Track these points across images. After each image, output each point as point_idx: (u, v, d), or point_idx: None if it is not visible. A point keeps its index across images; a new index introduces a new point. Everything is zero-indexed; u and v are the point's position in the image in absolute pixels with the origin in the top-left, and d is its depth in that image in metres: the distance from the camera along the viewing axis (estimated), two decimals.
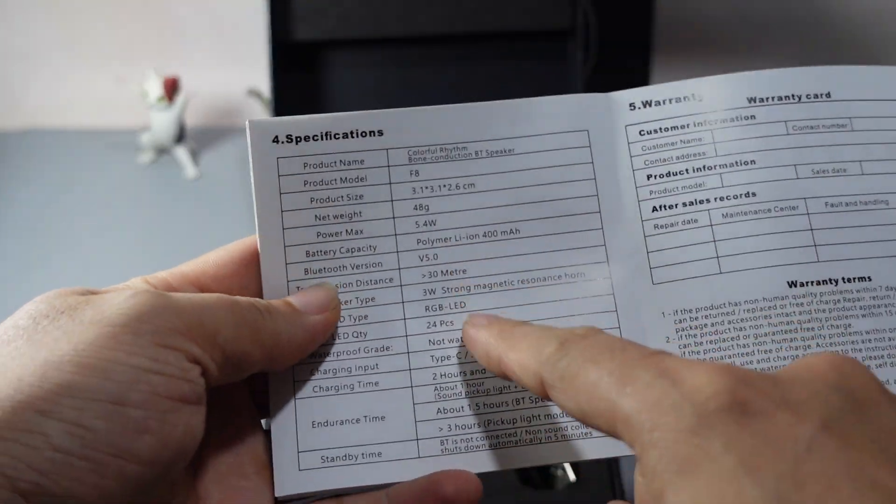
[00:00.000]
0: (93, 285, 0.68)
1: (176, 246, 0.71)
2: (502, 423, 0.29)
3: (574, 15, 0.60)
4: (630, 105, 0.32)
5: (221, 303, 0.26)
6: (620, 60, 0.70)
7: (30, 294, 0.26)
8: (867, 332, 0.29)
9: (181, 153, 0.80)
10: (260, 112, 0.80)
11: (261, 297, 0.29)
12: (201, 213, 0.75)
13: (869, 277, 0.30)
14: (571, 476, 0.47)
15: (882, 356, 0.29)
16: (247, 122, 0.30)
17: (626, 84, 0.80)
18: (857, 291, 0.30)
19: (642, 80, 0.71)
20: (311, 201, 0.30)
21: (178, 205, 0.76)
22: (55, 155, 0.83)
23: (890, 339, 0.29)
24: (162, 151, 0.82)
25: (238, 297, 0.26)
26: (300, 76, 0.61)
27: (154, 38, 0.91)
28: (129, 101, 0.80)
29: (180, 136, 0.79)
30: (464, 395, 0.29)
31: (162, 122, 0.78)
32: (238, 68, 0.87)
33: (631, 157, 0.31)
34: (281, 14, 0.60)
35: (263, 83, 0.63)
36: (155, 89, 0.77)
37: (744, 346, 0.30)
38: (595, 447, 0.29)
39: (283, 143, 0.29)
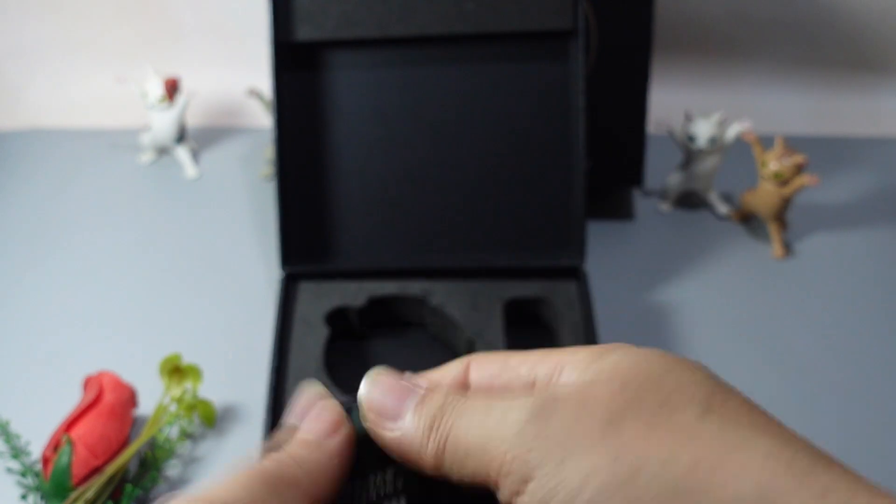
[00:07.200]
0: (91, 285, 0.68)
1: (176, 246, 0.71)
2: None
3: (575, 16, 0.60)
4: None
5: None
6: (620, 60, 0.70)
7: (29, 293, 0.25)
8: None
9: (182, 153, 0.80)
10: (260, 112, 0.80)
11: None
12: (201, 214, 0.75)
13: None
14: None
15: None
16: None
17: (626, 84, 0.80)
18: None
19: (642, 80, 0.71)
20: None
21: (178, 205, 0.77)
22: (56, 155, 0.83)
23: None
24: (162, 151, 0.82)
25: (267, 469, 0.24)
26: (301, 76, 0.61)
27: (155, 38, 0.91)
28: (129, 101, 0.80)
29: (181, 136, 0.79)
30: None
31: (162, 122, 0.78)
32: (239, 68, 0.87)
33: None
34: (282, 14, 0.60)
35: (264, 83, 0.63)
36: (155, 89, 0.77)
37: None
38: None
39: None
